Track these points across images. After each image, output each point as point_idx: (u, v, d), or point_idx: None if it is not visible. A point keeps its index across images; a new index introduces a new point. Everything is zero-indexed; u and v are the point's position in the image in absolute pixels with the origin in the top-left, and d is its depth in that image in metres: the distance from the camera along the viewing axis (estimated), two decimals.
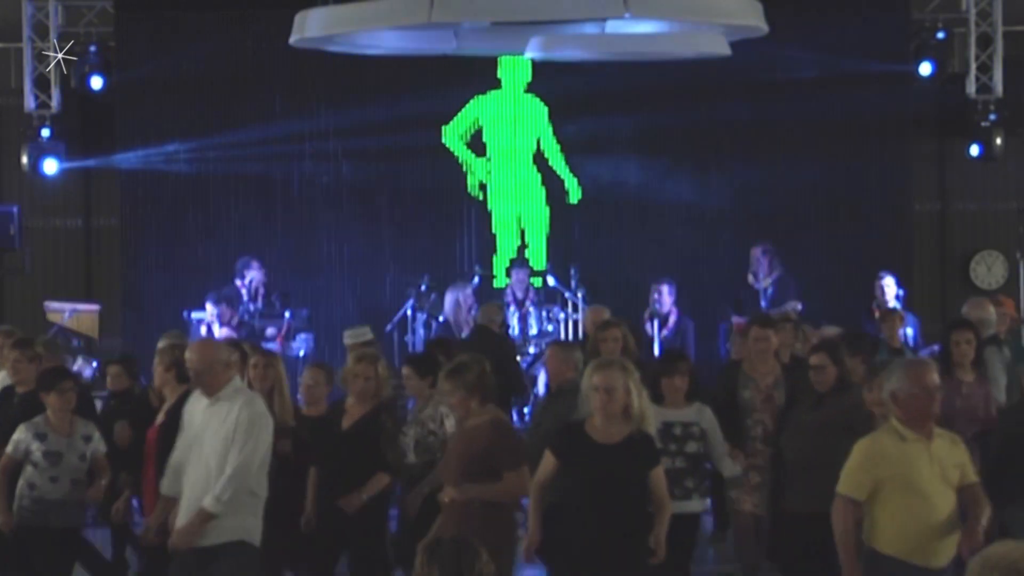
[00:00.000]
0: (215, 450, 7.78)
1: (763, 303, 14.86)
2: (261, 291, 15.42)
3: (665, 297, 14.63)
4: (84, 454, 9.03)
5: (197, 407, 7.92)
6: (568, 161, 16.93)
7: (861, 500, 6.73)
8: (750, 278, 15.19)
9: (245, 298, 15.41)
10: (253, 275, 15.48)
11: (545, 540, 7.50)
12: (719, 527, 11.28)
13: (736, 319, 14.04)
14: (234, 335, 14.60)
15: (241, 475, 7.73)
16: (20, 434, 8.98)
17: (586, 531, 7.32)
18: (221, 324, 14.90)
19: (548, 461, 7.54)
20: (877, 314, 13.82)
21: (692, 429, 8.80)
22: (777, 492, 9.11)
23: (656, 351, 14.16)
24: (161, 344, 9.80)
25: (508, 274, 16.22)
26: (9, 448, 8.99)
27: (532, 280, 15.92)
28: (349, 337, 11.14)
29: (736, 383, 9.75)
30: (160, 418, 8.88)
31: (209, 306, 15.03)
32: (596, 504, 7.35)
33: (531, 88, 16.93)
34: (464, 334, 13.93)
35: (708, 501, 9.41)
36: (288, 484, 8.68)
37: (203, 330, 14.88)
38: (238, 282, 15.52)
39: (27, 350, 9.93)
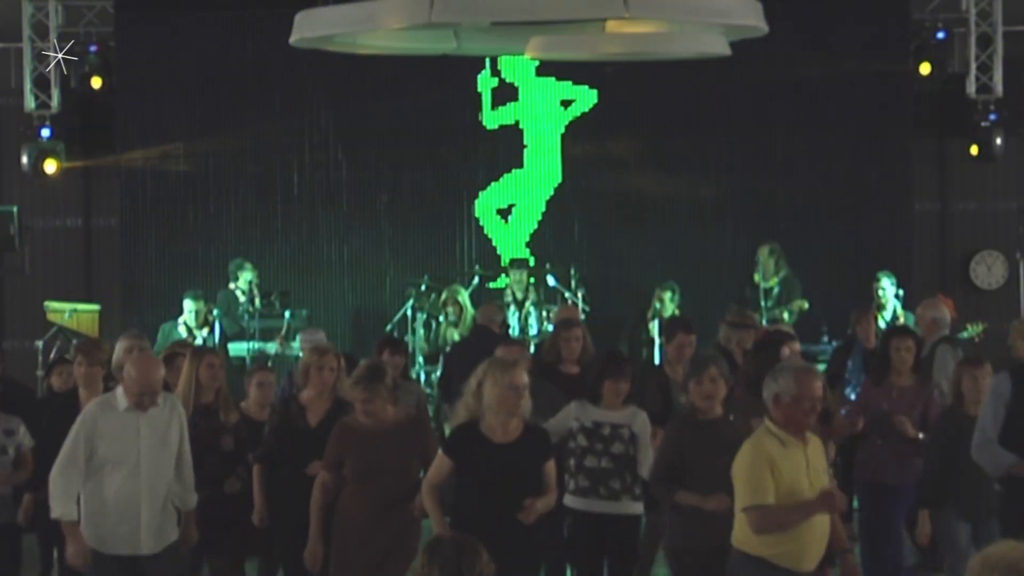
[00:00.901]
0: (170, 454, 7.82)
1: (768, 302, 14.87)
2: (256, 292, 15.42)
3: (667, 303, 14.66)
4: (4, 447, 8.92)
5: (128, 420, 7.71)
6: (567, 161, 16.94)
7: (770, 503, 6.58)
8: (756, 277, 15.20)
9: (243, 300, 15.41)
10: (248, 276, 15.47)
11: None
12: None
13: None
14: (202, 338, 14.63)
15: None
16: None
17: (491, 531, 7.11)
18: (199, 325, 14.90)
19: (443, 463, 7.50)
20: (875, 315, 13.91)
21: (621, 431, 8.64)
22: None
23: (657, 353, 14.17)
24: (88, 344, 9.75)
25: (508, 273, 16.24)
26: None
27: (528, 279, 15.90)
28: (306, 341, 11.25)
29: (669, 389, 9.76)
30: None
31: (189, 303, 15.03)
32: (499, 503, 7.35)
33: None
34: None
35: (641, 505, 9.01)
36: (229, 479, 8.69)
37: (183, 331, 14.85)
38: (232, 285, 15.51)
39: None
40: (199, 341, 14.45)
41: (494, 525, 7.24)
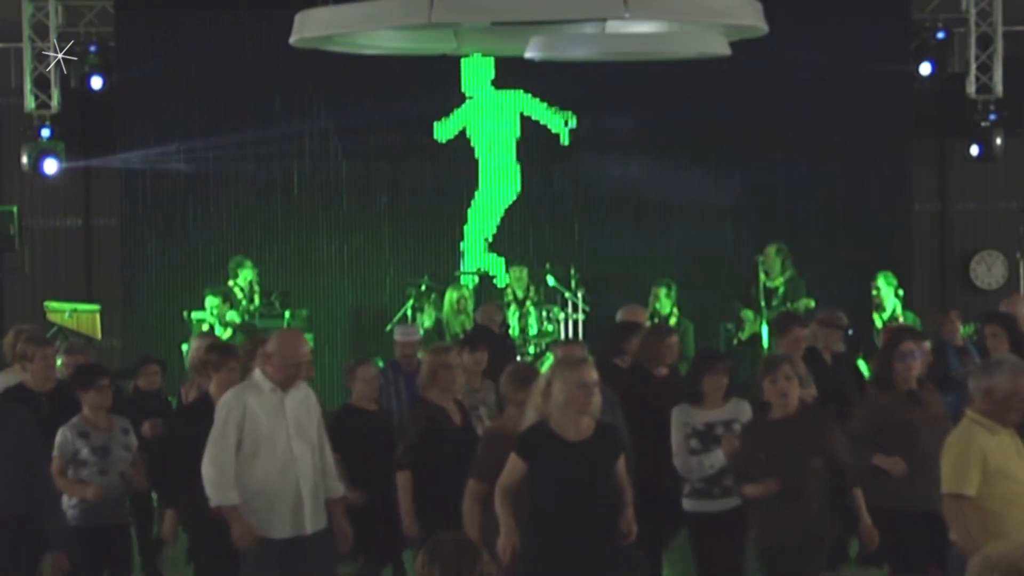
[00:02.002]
0: (318, 436, 7.94)
1: (774, 302, 14.85)
2: (256, 290, 15.41)
3: (663, 300, 14.65)
4: (127, 445, 8.93)
5: (275, 401, 7.79)
6: (568, 162, 16.95)
7: (973, 496, 6.72)
8: (762, 276, 15.18)
9: (242, 298, 15.39)
10: (247, 274, 15.46)
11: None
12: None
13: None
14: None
15: None
16: (62, 436, 8.80)
17: (569, 531, 7.26)
18: (222, 323, 14.89)
19: (516, 464, 7.41)
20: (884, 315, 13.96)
21: (733, 427, 8.65)
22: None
23: None
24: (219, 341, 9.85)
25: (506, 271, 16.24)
26: (56, 452, 8.75)
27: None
28: (402, 335, 11.20)
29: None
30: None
31: (211, 301, 15.00)
32: (577, 503, 7.31)
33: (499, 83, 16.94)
34: None
35: None
36: None
37: (205, 328, 14.84)
38: (231, 282, 15.51)
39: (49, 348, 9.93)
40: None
41: (572, 524, 7.25)
